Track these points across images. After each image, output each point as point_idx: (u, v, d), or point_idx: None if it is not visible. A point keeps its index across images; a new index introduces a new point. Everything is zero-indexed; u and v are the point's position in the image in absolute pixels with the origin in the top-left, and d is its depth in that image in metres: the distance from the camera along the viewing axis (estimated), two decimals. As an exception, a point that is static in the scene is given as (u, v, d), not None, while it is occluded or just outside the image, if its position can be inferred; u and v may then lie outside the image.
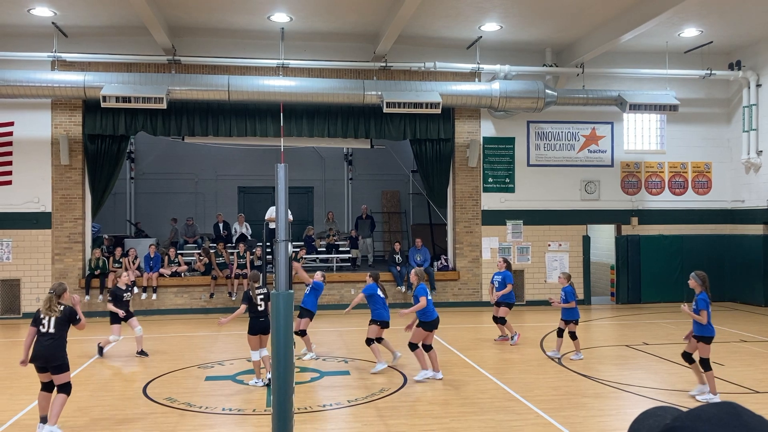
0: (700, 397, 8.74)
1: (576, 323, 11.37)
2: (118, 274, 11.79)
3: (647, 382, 9.64)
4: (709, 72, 17.47)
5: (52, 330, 7.28)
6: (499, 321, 12.71)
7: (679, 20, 15.14)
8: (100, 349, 11.49)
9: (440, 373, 9.83)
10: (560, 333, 11.45)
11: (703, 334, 8.70)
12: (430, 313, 9.84)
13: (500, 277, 12.80)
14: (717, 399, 8.39)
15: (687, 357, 8.92)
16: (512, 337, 12.57)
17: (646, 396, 8.83)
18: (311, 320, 11.37)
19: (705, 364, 8.62)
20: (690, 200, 18.83)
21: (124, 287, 11.63)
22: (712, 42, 16.90)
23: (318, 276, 11.71)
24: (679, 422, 1.13)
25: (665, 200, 18.74)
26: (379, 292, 10.43)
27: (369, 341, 10.34)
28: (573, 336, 11.30)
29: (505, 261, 13.11)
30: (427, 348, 9.89)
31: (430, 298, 9.98)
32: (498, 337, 12.94)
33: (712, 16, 15.07)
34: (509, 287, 12.61)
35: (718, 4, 14.22)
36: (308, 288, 11.49)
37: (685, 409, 1.18)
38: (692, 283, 8.99)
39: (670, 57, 17.19)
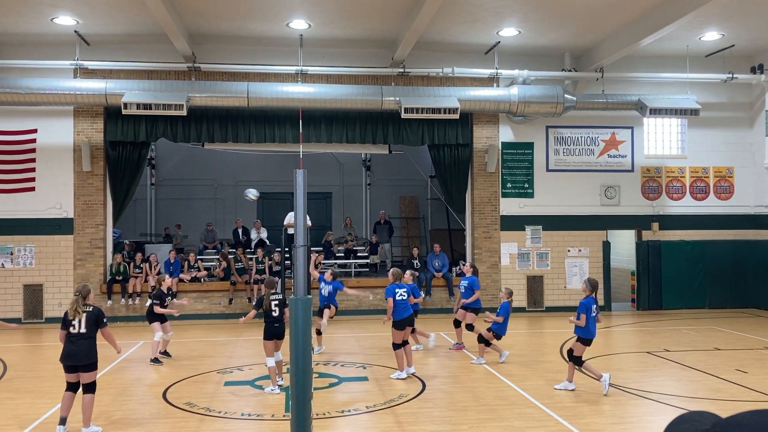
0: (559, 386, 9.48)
1: (498, 337, 11.31)
2: (162, 278, 12.04)
3: (669, 389, 9.53)
4: (730, 76, 17.26)
5: (83, 330, 7.52)
6: (468, 327, 12.26)
7: (700, 24, 15.00)
8: (156, 360, 11.44)
9: (413, 367, 10.25)
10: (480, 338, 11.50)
11: (580, 336, 9.36)
12: (399, 312, 10.11)
13: (466, 282, 12.43)
14: (573, 386, 9.41)
15: (570, 354, 9.58)
16: (457, 344, 12.50)
17: (667, 403, 8.72)
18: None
19: (577, 360, 9.35)
20: (712, 205, 18.61)
21: (166, 290, 11.84)
22: (733, 45, 16.71)
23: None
24: (719, 428, 1.10)
25: (686, 205, 18.54)
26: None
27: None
28: (485, 342, 11.32)
29: (472, 266, 12.75)
30: (404, 343, 10.24)
31: (399, 299, 10.13)
32: (453, 344, 12.66)
33: (734, 19, 14.90)
34: (477, 293, 12.25)
35: (740, 7, 14.05)
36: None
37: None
38: (582, 286, 9.64)
39: (691, 61, 17.02)
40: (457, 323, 12.57)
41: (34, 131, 16.41)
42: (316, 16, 14.45)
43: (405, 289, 10.36)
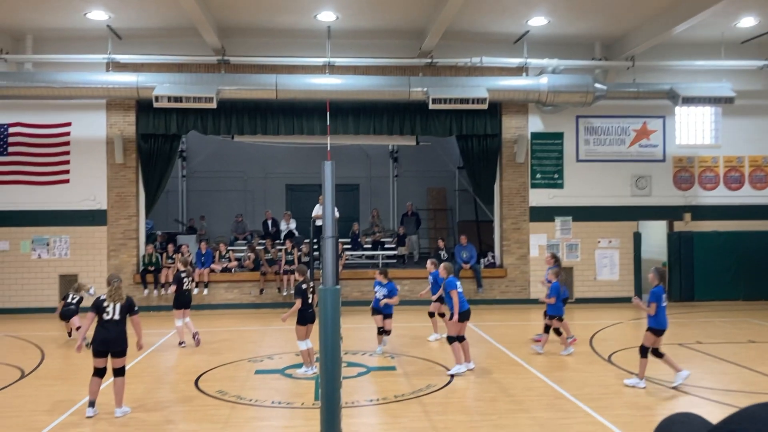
0: (628, 381, 9.16)
1: (560, 319, 11.41)
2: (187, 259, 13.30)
3: (701, 381, 9.40)
4: (767, 62, 16.86)
5: (117, 317, 7.83)
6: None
7: (735, 9, 14.66)
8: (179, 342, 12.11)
9: (472, 363, 10.10)
10: (546, 329, 11.56)
11: (652, 326, 9.01)
12: (461, 305, 10.03)
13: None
14: (643, 384, 8.97)
15: (655, 352, 9.08)
16: (569, 337, 12.25)
17: (699, 395, 8.62)
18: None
19: (643, 350, 9.03)
20: (747, 195, 18.25)
21: None
22: (770, 32, 16.32)
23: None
24: (734, 425, 1.04)
25: (720, 195, 18.20)
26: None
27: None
28: (558, 332, 11.41)
29: (554, 256, 12.52)
30: (461, 338, 10.18)
31: (460, 290, 10.10)
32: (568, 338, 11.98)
33: (770, 4, 14.55)
34: (552, 278, 11.81)
35: (777, -8, 13.73)
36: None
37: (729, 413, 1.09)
38: (650, 276, 9.31)
39: (726, 48, 16.64)
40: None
41: (68, 124, 16.75)
42: (343, 7, 14.47)
43: (459, 282, 10.40)
